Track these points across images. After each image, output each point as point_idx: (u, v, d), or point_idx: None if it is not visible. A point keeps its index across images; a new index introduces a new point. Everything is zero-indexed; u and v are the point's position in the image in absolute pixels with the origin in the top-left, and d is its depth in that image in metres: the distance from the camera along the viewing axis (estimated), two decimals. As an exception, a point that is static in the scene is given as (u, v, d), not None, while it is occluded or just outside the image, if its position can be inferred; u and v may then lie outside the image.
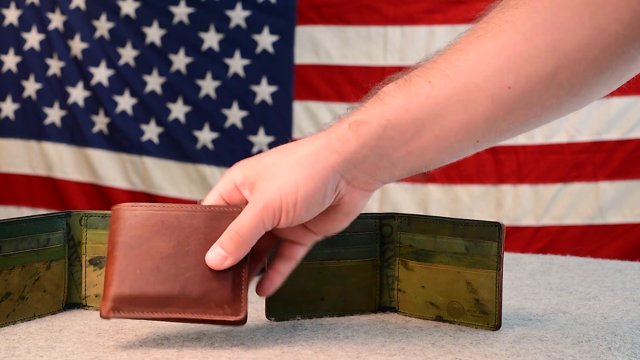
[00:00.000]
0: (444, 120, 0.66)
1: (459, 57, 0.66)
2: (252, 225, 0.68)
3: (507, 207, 2.32)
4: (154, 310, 0.69)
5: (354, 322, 0.81)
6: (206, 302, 0.70)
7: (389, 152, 0.67)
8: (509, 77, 0.64)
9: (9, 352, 0.70)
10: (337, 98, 2.43)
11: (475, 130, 0.67)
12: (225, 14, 2.50)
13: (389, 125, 0.66)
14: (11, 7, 2.67)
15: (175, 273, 0.70)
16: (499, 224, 0.78)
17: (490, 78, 0.65)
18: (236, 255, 0.69)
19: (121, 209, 0.72)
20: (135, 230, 0.71)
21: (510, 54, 0.64)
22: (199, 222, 0.71)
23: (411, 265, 0.82)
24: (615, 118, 2.24)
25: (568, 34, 0.63)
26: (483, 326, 0.79)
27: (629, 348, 0.73)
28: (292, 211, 0.67)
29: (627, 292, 0.95)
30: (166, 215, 0.71)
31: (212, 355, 0.69)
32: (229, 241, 0.69)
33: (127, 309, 0.69)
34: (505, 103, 0.65)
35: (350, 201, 0.70)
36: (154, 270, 0.70)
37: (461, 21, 2.32)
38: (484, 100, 0.65)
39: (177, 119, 2.56)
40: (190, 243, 0.71)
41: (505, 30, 0.65)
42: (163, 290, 0.70)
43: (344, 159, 0.67)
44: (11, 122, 2.70)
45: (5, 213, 2.68)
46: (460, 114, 0.66)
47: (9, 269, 0.77)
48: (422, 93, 0.66)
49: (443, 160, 0.69)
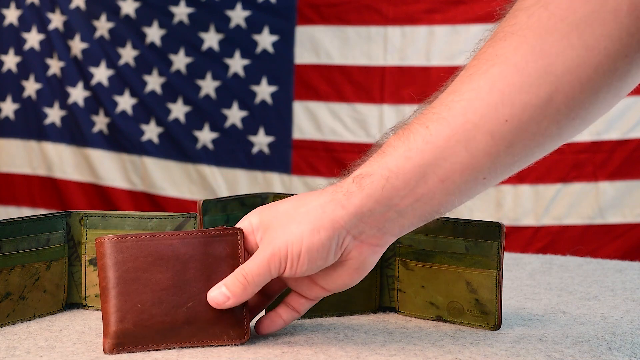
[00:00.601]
0: (447, 163, 0.66)
1: (454, 99, 0.66)
2: (259, 271, 0.69)
3: (507, 207, 2.32)
4: (159, 342, 0.70)
5: (354, 322, 0.81)
6: (211, 329, 0.71)
7: (394, 202, 0.67)
8: (505, 110, 0.64)
9: (9, 352, 0.70)
10: (337, 98, 2.43)
11: (479, 168, 0.66)
12: (225, 14, 2.50)
13: (392, 175, 0.67)
14: (11, 7, 2.67)
15: (177, 304, 0.70)
16: (499, 224, 0.78)
17: (486, 114, 0.65)
18: (240, 298, 0.70)
19: (109, 242, 0.70)
20: (129, 263, 0.70)
21: (503, 87, 0.64)
22: (193, 249, 0.71)
23: (411, 265, 0.82)
24: (615, 118, 2.24)
25: (558, 58, 0.63)
26: (483, 326, 0.79)
27: (629, 348, 0.73)
28: (295, 262, 0.68)
29: (627, 292, 0.95)
30: (159, 245, 0.70)
31: (212, 355, 0.69)
32: (236, 283, 0.70)
33: (131, 343, 0.69)
34: (505, 137, 0.65)
35: (358, 257, 0.70)
36: (156, 303, 0.70)
37: (461, 21, 2.32)
38: (483, 137, 0.65)
39: (177, 119, 2.56)
40: (188, 272, 0.71)
41: (496, 64, 0.65)
42: (167, 322, 0.70)
43: (349, 213, 0.67)
44: (11, 122, 2.70)
45: (5, 213, 2.68)
46: (461, 154, 0.66)
47: (9, 269, 0.77)
48: (420, 139, 0.66)
49: (453, 203, 0.69)
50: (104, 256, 0.70)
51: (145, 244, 0.70)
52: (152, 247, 0.70)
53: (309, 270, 0.69)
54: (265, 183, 2.50)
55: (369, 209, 0.67)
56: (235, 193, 2.39)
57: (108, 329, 0.69)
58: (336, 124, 2.44)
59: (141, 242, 0.70)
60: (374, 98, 2.40)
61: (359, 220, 0.68)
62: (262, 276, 0.69)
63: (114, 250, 0.70)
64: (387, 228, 0.69)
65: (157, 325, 0.70)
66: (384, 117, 2.38)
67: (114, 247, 0.70)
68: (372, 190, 0.67)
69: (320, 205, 0.68)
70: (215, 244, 0.71)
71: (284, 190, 2.46)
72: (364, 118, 2.40)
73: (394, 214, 0.68)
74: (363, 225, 0.68)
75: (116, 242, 0.70)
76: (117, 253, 0.70)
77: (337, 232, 0.68)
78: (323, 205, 0.68)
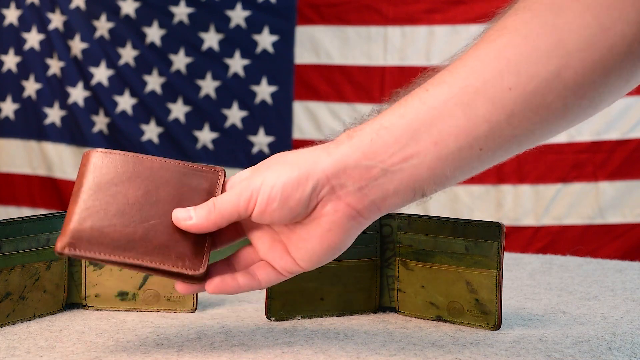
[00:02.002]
0: (442, 124, 0.63)
1: (457, 65, 0.65)
2: (230, 201, 0.66)
3: (507, 207, 2.32)
4: (112, 253, 0.67)
5: (354, 322, 0.81)
6: (167, 251, 0.68)
7: (382, 157, 0.64)
8: (510, 78, 0.63)
9: (9, 352, 0.70)
10: (337, 98, 2.43)
11: (476, 135, 0.64)
12: (225, 14, 2.50)
13: (382, 129, 0.64)
14: (11, 7, 2.67)
15: (140, 219, 0.69)
16: (499, 224, 0.78)
17: (489, 80, 0.63)
18: (202, 223, 0.67)
19: (95, 153, 0.71)
20: (105, 175, 0.70)
21: (510, 55, 0.63)
22: (170, 175, 0.71)
23: (411, 265, 0.82)
24: (615, 118, 2.24)
25: (572, 34, 0.62)
26: (483, 326, 0.79)
27: (629, 348, 0.73)
28: (266, 197, 0.65)
29: (627, 292, 0.95)
30: (139, 165, 0.71)
31: (212, 355, 0.69)
32: (204, 209, 0.67)
33: (84, 246, 0.66)
34: (507, 105, 0.63)
35: (333, 214, 0.65)
36: (118, 214, 0.68)
37: (461, 21, 2.32)
38: (484, 103, 0.63)
39: (177, 119, 2.56)
40: (159, 193, 0.70)
41: (504, 34, 0.64)
42: (124, 233, 0.68)
43: (333, 160, 0.65)
44: (11, 122, 2.70)
45: (5, 213, 2.68)
46: (458, 117, 0.63)
47: (9, 269, 0.77)
48: (417, 100, 0.65)
49: (445, 174, 0.65)
50: (84, 165, 0.70)
51: (126, 161, 0.71)
52: (132, 164, 0.71)
53: (278, 210, 0.65)
54: (265, 183, 2.50)
55: (355, 160, 0.65)
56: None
57: (65, 228, 0.67)
58: (336, 124, 2.44)
59: (124, 158, 0.71)
60: (374, 98, 2.40)
61: (342, 171, 0.65)
62: (230, 207, 0.66)
63: (96, 160, 0.70)
64: (369, 189, 0.65)
65: (114, 234, 0.67)
66: (384, 117, 2.38)
67: (97, 158, 0.70)
68: (360, 141, 0.65)
69: (307, 151, 0.67)
70: (194, 177, 0.71)
71: (284, 190, 2.46)
72: (364, 118, 2.40)
73: (379, 172, 0.64)
74: (345, 177, 0.65)
75: (101, 154, 0.71)
76: (98, 164, 0.70)
77: (317, 176, 0.65)
78: (310, 151, 0.67)
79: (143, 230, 0.68)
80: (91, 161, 0.70)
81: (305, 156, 0.66)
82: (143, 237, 0.68)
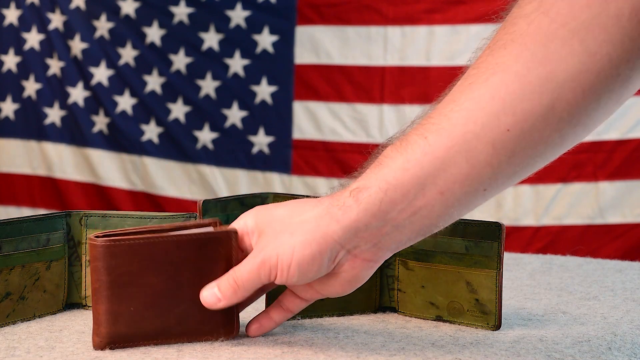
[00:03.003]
0: (446, 174, 0.64)
1: (453, 108, 0.65)
2: (249, 277, 0.69)
3: (507, 207, 2.32)
4: (150, 340, 0.71)
5: (354, 322, 0.81)
6: (201, 328, 0.72)
7: (392, 215, 0.66)
8: (506, 119, 0.63)
9: (9, 352, 0.70)
10: (337, 98, 2.43)
11: (480, 179, 0.65)
12: (225, 14, 2.50)
13: (390, 187, 0.65)
14: (11, 7, 2.67)
15: (170, 306, 0.71)
16: (499, 224, 0.78)
17: (487, 124, 0.63)
18: (231, 300, 0.70)
19: (101, 246, 0.69)
20: (122, 267, 0.69)
21: (504, 95, 0.63)
22: (187, 252, 0.71)
23: (411, 265, 0.82)
24: (615, 118, 2.24)
25: (560, 64, 0.62)
26: (483, 326, 0.79)
27: (629, 348, 0.73)
28: (285, 272, 0.68)
29: (627, 292, 0.95)
30: (153, 249, 0.70)
31: (212, 355, 0.69)
32: (227, 286, 0.70)
33: (123, 342, 0.70)
34: (507, 146, 0.63)
35: (351, 270, 0.69)
36: (149, 306, 0.70)
37: (461, 21, 2.32)
38: (484, 147, 0.63)
39: (177, 119, 2.56)
40: (181, 275, 0.71)
41: (496, 72, 0.63)
42: (159, 324, 0.71)
43: (344, 228, 0.66)
44: (11, 122, 2.70)
45: (5, 213, 2.68)
46: (462, 165, 0.64)
47: (9, 269, 0.77)
48: (419, 150, 0.65)
49: (452, 215, 0.67)
50: (96, 259, 0.69)
51: (139, 249, 0.70)
52: (146, 250, 0.70)
53: (300, 280, 0.69)
54: (265, 183, 2.50)
55: (365, 223, 0.66)
56: (235, 193, 2.39)
57: (100, 329, 0.70)
58: (336, 124, 2.44)
59: (136, 247, 0.70)
60: (374, 98, 2.40)
61: (354, 235, 0.66)
62: (252, 282, 0.69)
63: (107, 254, 0.69)
64: (382, 243, 0.67)
65: (148, 327, 0.70)
66: (384, 117, 2.38)
67: (107, 251, 0.69)
68: (369, 204, 0.66)
69: (314, 217, 0.67)
70: (210, 246, 0.71)
71: (284, 190, 2.47)
72: (364, 118, 2.40)
73: (391, 229, 0.66)
74: (358, 240, 0.67)
75: (110, 246, 0.69)
76: (111, 257, 0.69)
77: (330, 247, 0.67)
78: (317, 218, 0.67)
79: (175, 317, 0.71)
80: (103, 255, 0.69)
81: (313, 226, 0.67)
82: (177, 323, 0.71)
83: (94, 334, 0.70)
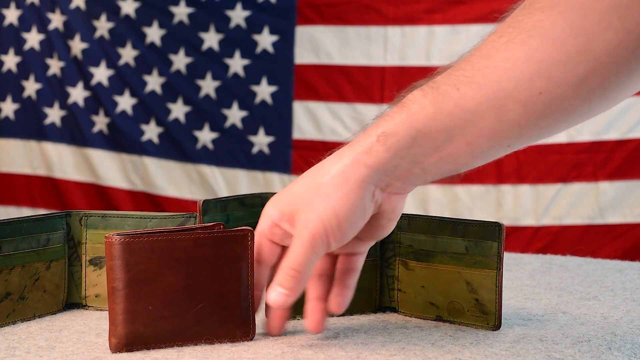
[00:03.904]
0: (475, 127, 0.66)
1: (488, 65, 0.66)
2: (305, 258, 0.69)
3: (507, 207, 2.32)
4: (168, 341, 0.70)
5: (354, 322, 0.81)
6: (218, 329, 0.71)
7: (419, 159, 0.67)
8: (540, 83, 0.64)
9: (9, 352, 0.70)
10: (337, 98, 2.43)
11: (507, 136, 0.66)
12: (225, 14, 2.50)
13: (419, 135, 0.66)
14: (11, 7, 2.67)
15: (188, 305, 0.70)
16: (499, 224, 0.78)
17: (520, 85, 0.64)
18: (297, 290, 0.70)
19: (120, 243, 0.68)
20: (141, 265, 0.69)
21: (540, 59, 0.64)
22: (205, 252, 0.70)
23: (411, 265, 0.82)
24: (615, 118, 2.24)
25: (598, 37, 0.62)
26: (483, 326, 0.79)
27: (629, 348, 0.73)
28: (338, 233, 0.68)
29: (627, 292, 0.95)
30: (172, 247, 0.69)
31: (212, 355, 0.69)
32: (288, 279, 0.70)
33: (140, 344, 0.69)
34: (537, 109, 0.65)
35: (389, 207, 0.70)
36: (167, 304, 0.70)
37: (461, 21, 2.32)
38: (515, 107, 0.65)
39: (177, 119, 2.56)
40: (200, 273, 0.70)
41: (534, 35, 0.64)
42: (177, 324, 0.70)
43: (374, 170, 0.67)
44: (11, 122, 2.70)
45: (5, 213, 2.68)
46: (491, 120, 0.65)
47: (9, 269, 0.77)
48: (451, 101, 0.66)
49: (475, 164, 0.69)
50: (114, 257, 0.68)
51: (158, 246, 0.69)
52: (165, 248, 0.69)
53: (352, 233, 0.69)
54: (265, 183, 2.50)
55: (394, 165, 0.67)
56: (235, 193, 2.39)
57: (116, 330, 0.69)
58: (336, 124, 2.44)
59: (154, 244, 0.69)
60: (374, 98, 2.40)
61: (384, 175, 0.68)
62: (309, 261, 0.69)
63: (125, 251, 0.68)
64: (410, 180, 0.69)
65: (166, 326, 0.70)
66: (384, 117, 2.38)
67: (125, 249, 0.68)
68: (397, 149, 0.67)
69: (342, 170, 0.68)
70: (227, 245, 0.71)
71: (284, 190, 2.46)
72: (364, 118, 2.40)
73: (419, 170, 0.68)
74: (388, 179, 0.68)
75: (128, 243, 0.69)
76: (129, 254, 0.69)
77: (367, 190, 0.67)
78: (345, 170, 0.68)
79: (193, 317, 0.70)
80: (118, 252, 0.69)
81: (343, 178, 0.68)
82: (193, 323, 0.70)
83: (111, 335, 0.69)
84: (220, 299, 0.71)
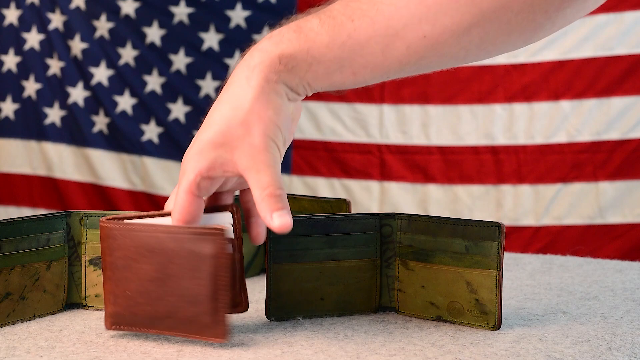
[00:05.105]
0: (362, 60, 0.70)
1: (383, 1, 0.69)
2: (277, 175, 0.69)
3: (507, 207, 2.32)
4: (147, 327, 0.73)
5: (354, 322, 0.81)
6: (190, 325, 0.71)
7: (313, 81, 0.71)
8: (426, 26, 0.68)
9: (9, 352, 0.70)
10: (337, 98, 2.43)
11: (388, 70, 0.71)
12: (225, 14, 2.50)
13: (314, 62, 0.70)
14: (11, 7, 2.67)
15: (160, 296, 0.71)
16: (499, 224, 0.78)
17: (409, 25, 0.68)
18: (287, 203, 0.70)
19: (104, 226, 0.72)
20: (121, 250, 0.72)
21: (430, 3, 0.68)
22: (177, 245, 0.70)
23: (411, 265, 0.82)
24: (615, 118, 2.24)
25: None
26: (483, 326, 0.79)
27: (629, 348, 0.73)
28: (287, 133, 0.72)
29: (627, 292, 0.95)
30: (150, 237, 0.71)
31: (212, 355, 0.69)
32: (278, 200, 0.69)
33: (125, 324, 0.73)
34: (419, 51, 0.69)
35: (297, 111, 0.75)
36: (142, 292, 0.72)
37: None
38: (400, 46, 0.69)
39: (177, 119, 2.57)
40: (171, 267, 0.71)
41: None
42: (150, 312, 0.72)
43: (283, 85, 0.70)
44: (11, 122, 2.70)
45: (5, 213, 2.68)
46: (377, 55, 0.69)
47: (9, 269, 0.77)
48: (345, 33, 0.69)
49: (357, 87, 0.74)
50: (102, 239, 0.73)
51: (134, 235, 0.71)
52: (144, 238, 0.71)
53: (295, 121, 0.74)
54: (265, 183, 2.50)
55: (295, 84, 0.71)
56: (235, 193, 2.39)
57: (107, 309, 0.73)
58: (336, 124, 2.44)
59: (131, 232, 0.71)
60: (374, 98, 2.40)
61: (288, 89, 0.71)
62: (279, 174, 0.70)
63: (108, 235, 0.72)
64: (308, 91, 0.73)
65: (142, 313, 0.72)
66: (384, 117, 2.38)
67: (107, 234, 0.72)
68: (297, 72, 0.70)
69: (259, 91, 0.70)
70: (201, 243, 0.70)
71: (284, 190, 2.46)
72: (364, 118, 2.40)
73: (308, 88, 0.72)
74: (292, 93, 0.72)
75: (110, 228, 0.72)
76: (111, 239, 0.72)
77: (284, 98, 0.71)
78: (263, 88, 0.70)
79: (164, 308, 0.72)
80: (108, 236, 0.72)
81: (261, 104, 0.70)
82: (167, 314, 0.72)
83: (105, 314, 0.74)
84: (191, 295, 0.70)
